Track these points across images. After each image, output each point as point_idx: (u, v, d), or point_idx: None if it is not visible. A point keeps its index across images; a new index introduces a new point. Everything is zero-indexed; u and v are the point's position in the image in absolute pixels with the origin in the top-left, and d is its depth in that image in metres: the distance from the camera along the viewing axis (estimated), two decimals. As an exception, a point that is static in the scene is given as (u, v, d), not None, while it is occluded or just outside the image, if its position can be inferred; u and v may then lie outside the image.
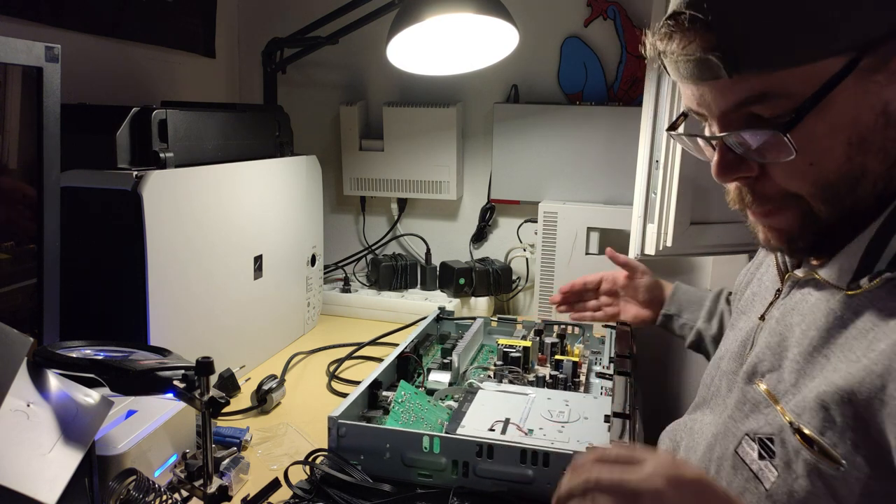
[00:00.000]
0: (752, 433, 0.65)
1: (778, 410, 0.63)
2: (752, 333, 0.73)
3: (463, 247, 1.69)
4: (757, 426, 0.65)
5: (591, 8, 1.51)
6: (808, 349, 0.62)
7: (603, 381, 1.04)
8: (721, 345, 0.83)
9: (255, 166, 1.19)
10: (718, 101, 0.60)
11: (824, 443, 0.58)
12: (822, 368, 0.60)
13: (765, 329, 0.70)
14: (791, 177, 0.60)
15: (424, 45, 1.32)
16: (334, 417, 0.81)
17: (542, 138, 1.54)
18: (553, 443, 0.80)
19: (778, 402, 0.63)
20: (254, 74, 1.68)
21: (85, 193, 0.91)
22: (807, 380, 0.61)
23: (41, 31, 1.12)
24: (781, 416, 0.62)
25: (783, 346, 0.66)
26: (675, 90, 1.16)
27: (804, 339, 0.63)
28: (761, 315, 0.73)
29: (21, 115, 0.74)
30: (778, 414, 0.63)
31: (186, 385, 0.69)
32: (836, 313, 0.61)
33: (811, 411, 0.59)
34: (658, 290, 1.14)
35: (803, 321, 0.64)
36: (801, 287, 0.68)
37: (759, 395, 0.66)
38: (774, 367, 0.66)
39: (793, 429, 0.60)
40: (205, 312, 1.07)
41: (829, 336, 0.61)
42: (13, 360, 0.57)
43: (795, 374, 0.62)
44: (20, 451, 0.55)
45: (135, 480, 0.67)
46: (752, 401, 0.67)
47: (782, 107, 0.57)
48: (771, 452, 0.63)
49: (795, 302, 0.67)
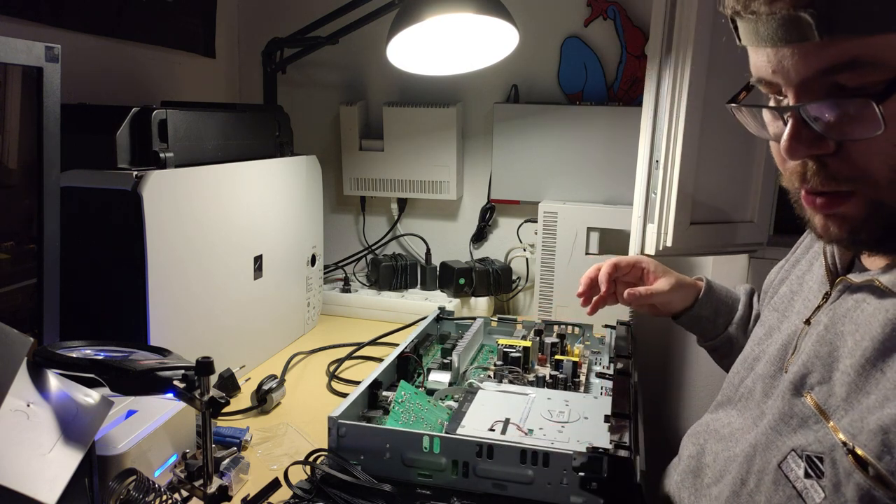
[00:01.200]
0: (800, 449, 0.60)
1: (829, 428, 0.58)
2: (795, 338, 0.69)
3: (463, 247, 1.69)
4: (805, 442, 0.60)
5: (591, 8, 1.51)
6: (861, 362, 0.58)
7: (603, 381, 1.03)
8: (752, 344, 0.79)
9: (255, 166, 1.19)
10: (800, 67, 0.53)
11: (881, 468, 0.53)
12: (877, 384, 0.56)
13: (811, 335, 0.66)
14: (869, 157, 0.54)
15: (424, 45, 1.32)
16: (334, 417, 0.81)
17: (542, 138, 1.54)
18: (553, 443, 0.80)
19: (829, 418, 0.59)
20: (254, 74, 1.68)
21: (85, 193, 0.91)
22: (861, 396, 0.57)
23: (41, 31, 1.12)
24: (833, 435, 0.57)
25: (833, 356, 0.61)
26: (675, 90, 1.16)
27: (857, 351, 0.58)
28: (806, 319, 0.68)
29: (21, 115, 0.74)
30: (829, 431, 0.58)
31: (186, 385, 0.69)
32: (894, 324, 0.56)
33: (869, 433, 0.54)
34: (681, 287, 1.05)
35: (857, 331, 0.59)
36: (853, 292, 0.63)
37: (808, 409, 0.61)
38: (824, 380, 0.61)
39: (846, 449, 0.55)
40: (205, 312, 1.07)
41: (886, 349, 0.56)
42: (13, 360, 0.57)
43: (847, 388, 0.58)
44: (20, 451, 0.55)
45: (135, 480, 0.67)
46: (799, 415, 0.62)
47: (871, 77, 0.51)
48: (819, 472, 0.58)
49: (848, 309, 0.62)
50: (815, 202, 0.58)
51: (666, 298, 1.03)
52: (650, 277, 1.05)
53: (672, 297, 1.03)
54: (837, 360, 0.60)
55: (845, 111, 0.52)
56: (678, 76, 1.15)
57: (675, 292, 1.03)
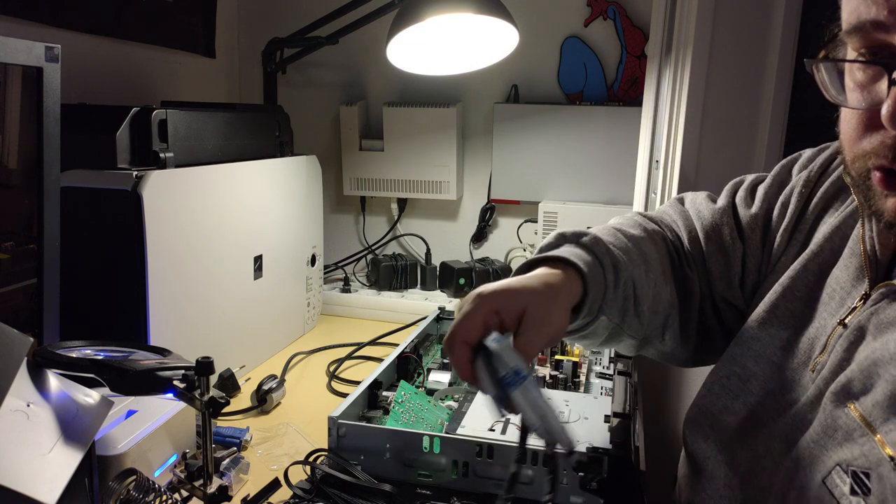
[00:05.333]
0: (845, 464, 0.56)
1: (876, 441, 0.54)
2: (825, 336, 0.64)
3: (463, 247, 1.69)
4: (851, 457, 0.55)
5: (591, 8, 1.51)
6: None
7: (603, 381, 1.03)
8: (758, 327, 0.71)
9: (255, 166, 1.19)
10: None
11: None
12: None
13: (847, 338, 0.61)
14: None
15: (424, 45, 1.32)
16: (334, 417, 0.81)
17: (542, 138, 1.54)
18: (553, 443, 0.80)
19: (876, 431, 0.54)
20: (254, 74, 1.68)
21: (85, 193, 0.91)
22: None
23: (41, 31, 1.12)
24: (880, 449, 0.53)
25: (877, 363, 0.57)
26: (675, 90, 1.16)
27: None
28: (841, 320, 0.63)
29: (21, 115, 0.74)
30: (876, 445, 0.54)
31: (186, 385, 0.69)
32: None
33: None
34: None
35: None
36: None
37: (853, 421, 0.57)
38: (867, 389, 0.57)
39: (894, 464, 0.52)
40: (205, 312, 1.07)
41: None
42: (13, 360, 0.57)
43: (895, 400, 0.54)
44: (20, 451, 0.55)
45: (135, 480, 0.67)
46: (844, 427, 0.57)
47: None
48: (866, 489, 0.54)
49: (895, 317, 0.57)
50: (894, 186, 0.51)
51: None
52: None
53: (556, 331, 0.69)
54: (880, 367, 0.56)
55: None
56: (678, 76, 1.15)
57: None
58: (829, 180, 0.74)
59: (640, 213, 0.86)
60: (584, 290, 0.69)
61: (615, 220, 0.84)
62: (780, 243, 0.76)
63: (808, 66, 0.55)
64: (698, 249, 0.82)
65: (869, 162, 0.53)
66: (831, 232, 0.70)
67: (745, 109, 1.16)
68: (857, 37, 0.50)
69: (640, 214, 0.86)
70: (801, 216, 0.75)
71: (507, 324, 0.64)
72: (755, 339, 0.71)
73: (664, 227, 0.85)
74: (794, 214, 0.75)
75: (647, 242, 0.79)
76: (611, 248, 0.73)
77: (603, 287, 0.71)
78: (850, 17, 0.50)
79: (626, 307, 0.74)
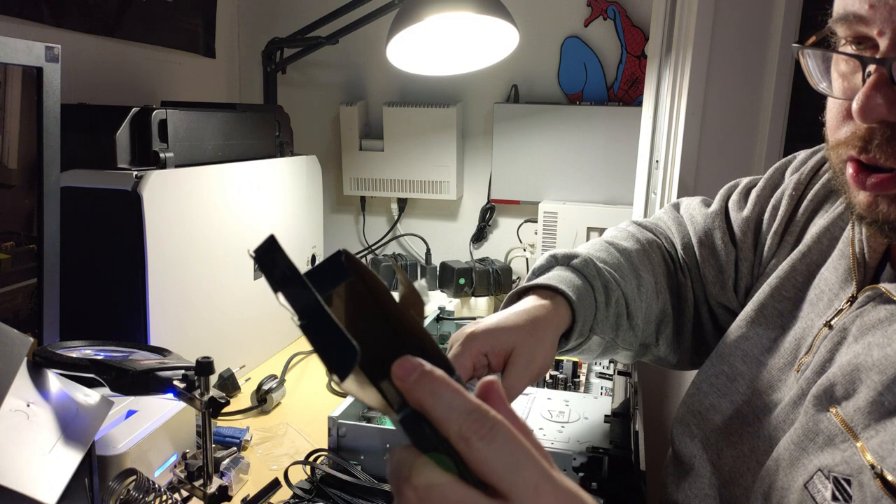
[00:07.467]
0: (827, 470, 0.55)
1: (858, 448, 0.53)
2: (811, 337, 0.64)
3: (463, 247, 1.69)
4: (832, 462, 0.55)
5: (591, 8, 1.51)
6: (894, 377, 0.53)
7: (603, 381, 1.04)
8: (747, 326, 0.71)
9: (255, 166, 1.19)
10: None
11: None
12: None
13: (831, 340, 0.61)
14: None
15: (424, 45, 1.32)
16: (334, 417, 0.81)
17: (542, 138, 1.54)
18: (553, 443, 0.80)
19: (857, 437, 0.54)
20: (254, 74, 1.68)
21: (85, 193, 0.91)
22: (894, 416, 0.53)
23: (41, 31, 1.12)
24: (861, 456, 0.53)
25: (859, 368, 0.56)
26: (675, 90, 1.16)
27: (887, 366, 0.54)
28: (827, 322, 0.62)
29: (21, 115, 0.74)
30: (857, 452, 0.53)
31: (186, 385, 0.69)
32: None
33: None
34: None
35: (889, 344, 0.55)
36: (885, 302, 0.58)
37: (836, 426, 0.56)
38: (850, 394, 0.56)
39: (874, 473, 0.51)
40: (205, 312, 1.07)
41: None
42: (13, 360, 0.57)
43: (877, 406, 0.53)
44: (20, 451, 0.55)
45: (135, 480, 0.67)
46: (826, 432, 0.57)
47: None
48: (847, 495, 0.53)
49: (879, 320, 0.57)
50: (863, 180, 0.51)
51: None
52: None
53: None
54: (863, 372, 0.56)
55: None
56: (678, 76, 1.15)
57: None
58: (819, 182, 0.74)
59: (635, 222, 0.88)
60: (573, 317, 0.71)
61: (609, 233, 0.86)
62: (770, 246, 0.76)
63: (794, 51, 0.55)
64: (692, 255, 0.83)
65: (843, 151, 0.53)
66: (820, 233, 0.70)
67: (745, 109, 1.16)
68: (843, 26, 0.51)
69: (635, 224, 0.87)
70: (792, 218, 0.75)
71: (494, 365, 0.67)
72: (743, 339, 0.71)
73: (659, 234, 0.87)
74: (784, 217, 0.75)
75: (640, 254, 0.81)
76: (601, 267, 0.75)
77: (593, 309, 0.73)
78: (838, 6, 0.51)
79: (619, 323, 0.75)
